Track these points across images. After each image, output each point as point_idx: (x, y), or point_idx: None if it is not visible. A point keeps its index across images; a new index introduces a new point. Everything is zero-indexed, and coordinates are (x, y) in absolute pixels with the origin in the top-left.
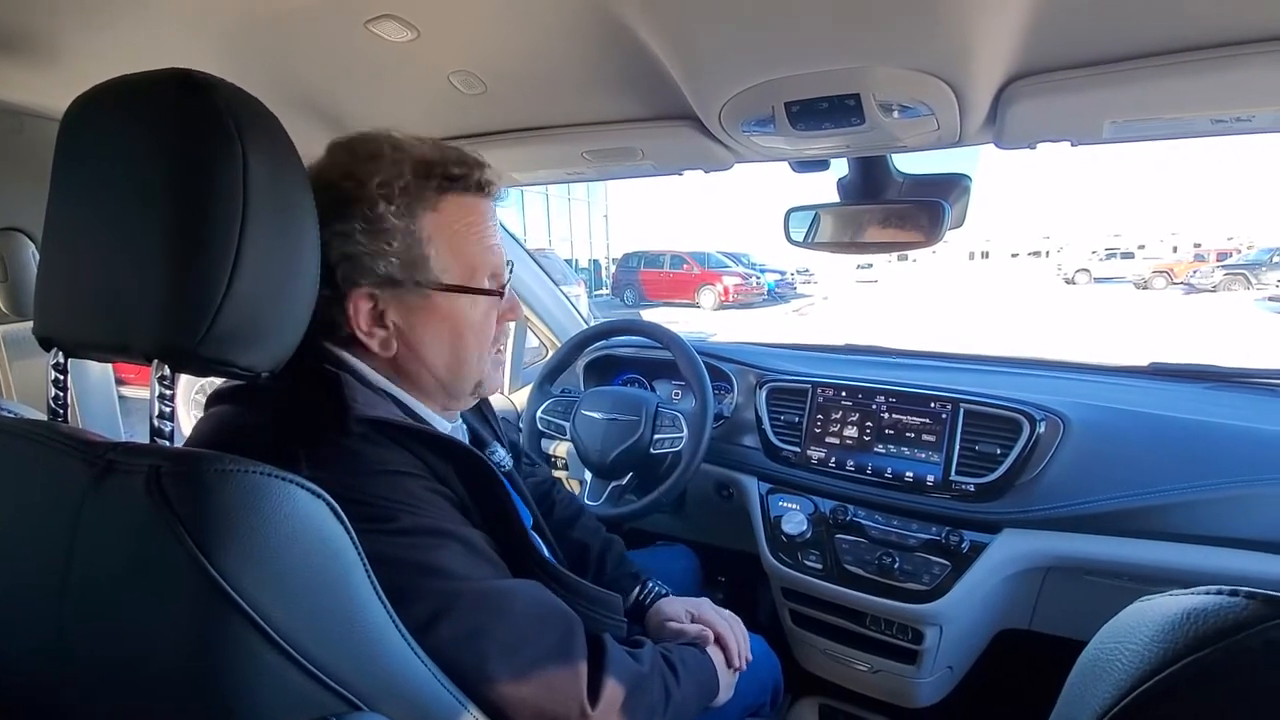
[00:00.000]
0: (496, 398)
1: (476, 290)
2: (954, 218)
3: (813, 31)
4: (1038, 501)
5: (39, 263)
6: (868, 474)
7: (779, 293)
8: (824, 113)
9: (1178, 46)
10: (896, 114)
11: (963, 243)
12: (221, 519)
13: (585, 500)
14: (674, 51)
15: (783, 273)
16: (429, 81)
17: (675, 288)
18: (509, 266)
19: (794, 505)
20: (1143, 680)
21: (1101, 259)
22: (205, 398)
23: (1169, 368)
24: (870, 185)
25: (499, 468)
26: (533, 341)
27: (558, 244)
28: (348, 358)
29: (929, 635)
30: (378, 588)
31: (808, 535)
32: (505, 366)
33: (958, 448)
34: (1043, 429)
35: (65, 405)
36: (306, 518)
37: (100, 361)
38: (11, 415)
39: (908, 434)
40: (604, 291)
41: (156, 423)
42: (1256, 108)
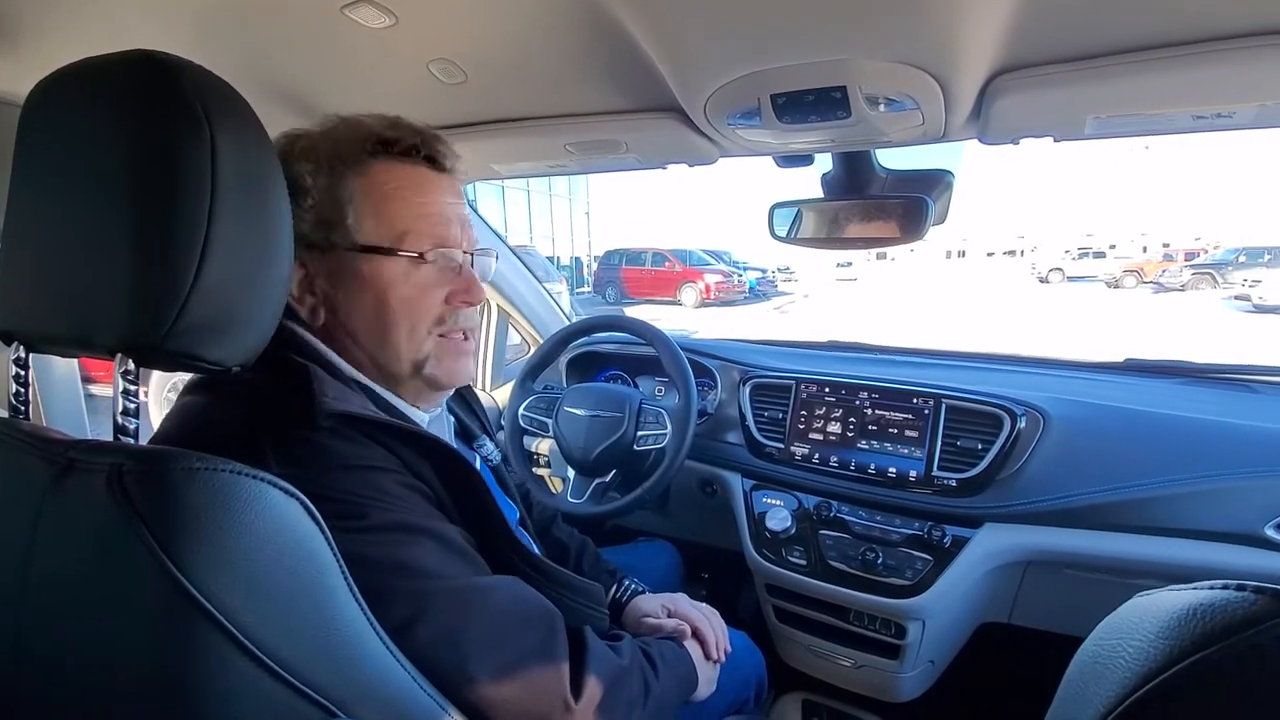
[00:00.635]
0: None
1: (396, 253)
2: (937, 213)
3: (799, 22)
4: (1018, 496)
5: None
6: (851, 470)
7: (760, 290)
8: (810, 105)
9: (1160, 42)
10: (882, 107)
11: (940, 242)
12: (187, 520)
13: (568, 498)
14: (659, 41)
15: (764, 270)
16: (407, 70)
17: (657, 285)
18: (491, 257)
19: (778, 501)
20: (1149, 678)
21: (1074, 258)
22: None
23: (1144, 364)
24: (854, 180)
25: (488, 461)
26: (515, 338)
27: (539, 241)
28: (319, 347)
29: (912, 630)
30: (354, 590)
31: (792, 531)
32: (475, 358)
33: (940, 443)
34: (1023, 424)
35: (27, 402)
36: (279, 518)
37: (63, 356)
38: None
39: (890, 430)
40: (586, 289)
41: (121, 419)
42: (1236, 104)
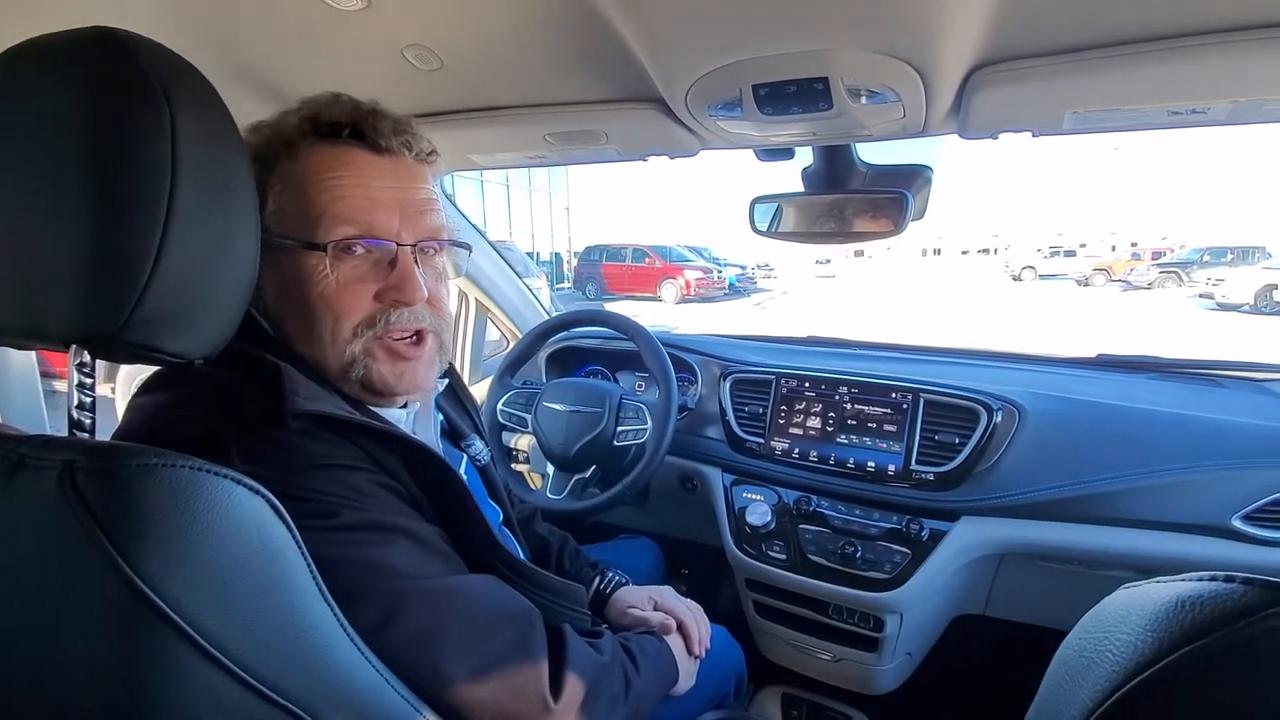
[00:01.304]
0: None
1: (308, 245)
2: (916, 208)
3: (782, 11)
4: (994, 489)
5: None
6: (830, 464)
7: (740, 287)
8: (792, 96)
9: (1138, 37)
10: (864, 99)
11: (916, 240)
12: (143, 519)
13: (547, 494)
14: (639, 29)
15: (743, 267)
16: (381, 55)
17: (637, 281)
18: (462, 250)
19: (758, 496)
20: (1137, 671)
21: (1046, 257)
22: None
23: (1115, 359)
24: (835, 175)
25: (476, 461)
26: (493, 334)
27: (519, 236)
28: (292, 345)
29: (890, 623)
30: (325, 591)
31: (771, 526)
32: (430, 363)
33: (918, 437)
34: (999, 418)
35: None
36: (242, 517)
37: (16, 349)
38: None
39: (869, 424)
40: (566, 285)
41: (76, 414)
42: (1210, 100)
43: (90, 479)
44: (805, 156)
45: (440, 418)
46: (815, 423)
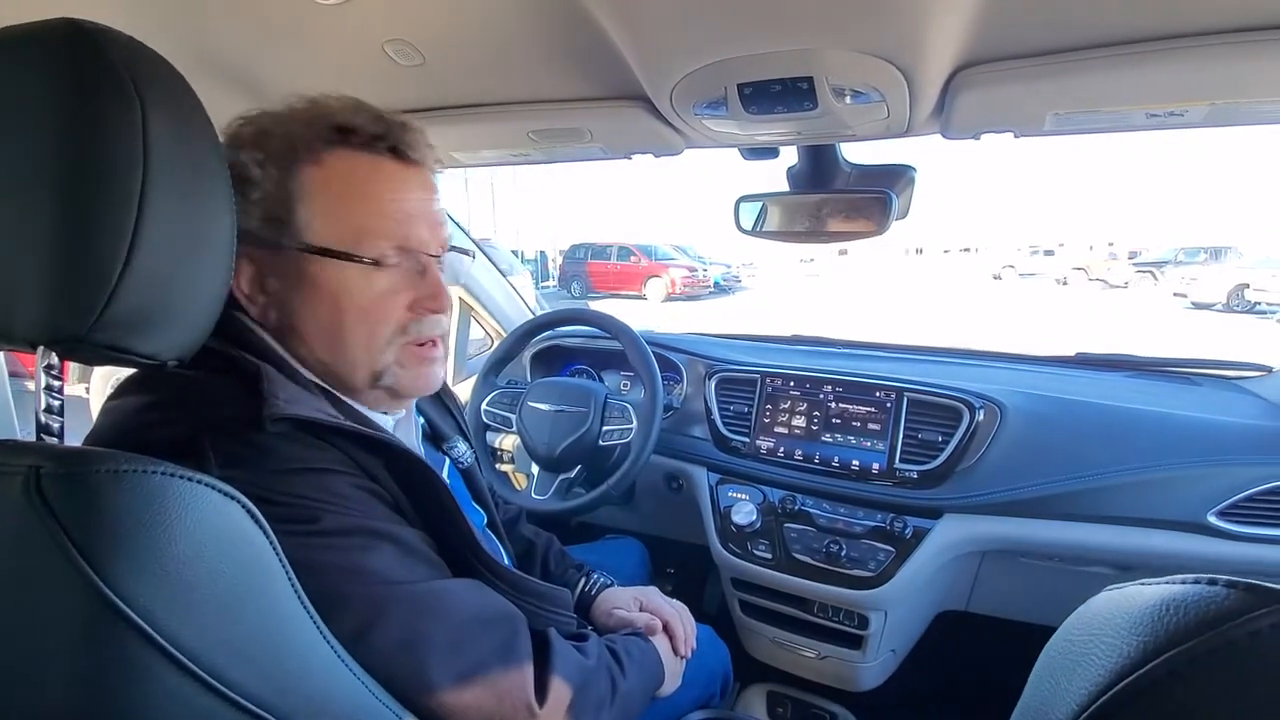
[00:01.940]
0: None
1: (350, 257)
2: (899, 208)
3: (767, 10)
4: (977, 487)
5: None
6: (815, 463)
7: (725, 285)
8: (777, 96)
9: (1118, 40)
10: (848, 99)
11: (899, 239)
12: (112, 525)
13: (532, 494)
14: (624, 26)
15: (728, 265)
16: (361, 50)
17: (622, 280)
18: (465, 256)
19: (743, 495)
20: (1123, 675)
21: (1026, 256)
22: None
23: (1093, 357)
24: (819, 174)
25: (459, 464)
26: (477, 333)
27: (503, 234)
28: (272, 344)
29: (874, 620)
30: (303, 597)
31: (757, 525)
32: (443, 365)
33: (902, 436)
34: (981, 416)
35: None
36: (217, 522)
37: None
38: None
39: (854, 423)
40: (550, 283)
41: (44, 418)
42: (1188, 102)
43: (56, 485)
44: (790, 156)
45: (421, 421)
46: (800, 421)
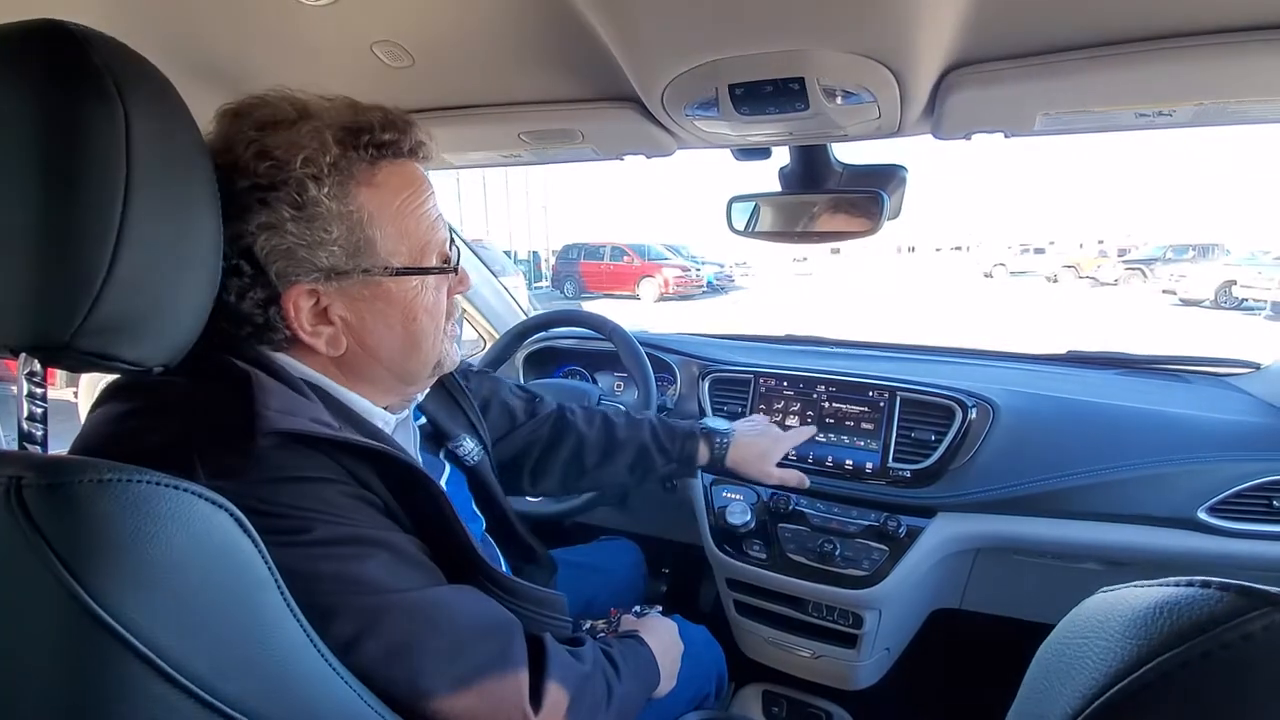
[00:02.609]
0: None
1: (430, 270)
2: (891, 208)
3: (758, 11)
4: (970, 485)
5: None
6: (809, 462)
7: (718, 285)
8: (768, 96)
9: (1107, 40)
10: (839, 100)
11: (891, 238)
12: (96, 536)
13: (526, 496)
14: (614, 27)
15: (721, 265)
16: (349, 52)
17: (615, 280)
18: (452, 235)
19: (737, 496)
20: (1118, 678)
21: (1017, 254)
22: None
23: (1085, 355)
24: (811, 175)
25: (463, 462)
26: (470, 334)
27: (496, 235)
28: (266, 352)
29: (868, 619)
30: (294, 607)
31: (751, 525)
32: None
33: (895, 435)
34: (974, 415)
35: None
36: (204, 531)
37: None
38: None
39: (847, 422)
40: (544, 284)
41: (26, 426)
42: (1176, 102)
43: (38, 495)
44: (782, 156)
45: (422, 421)
46: (794, 421)
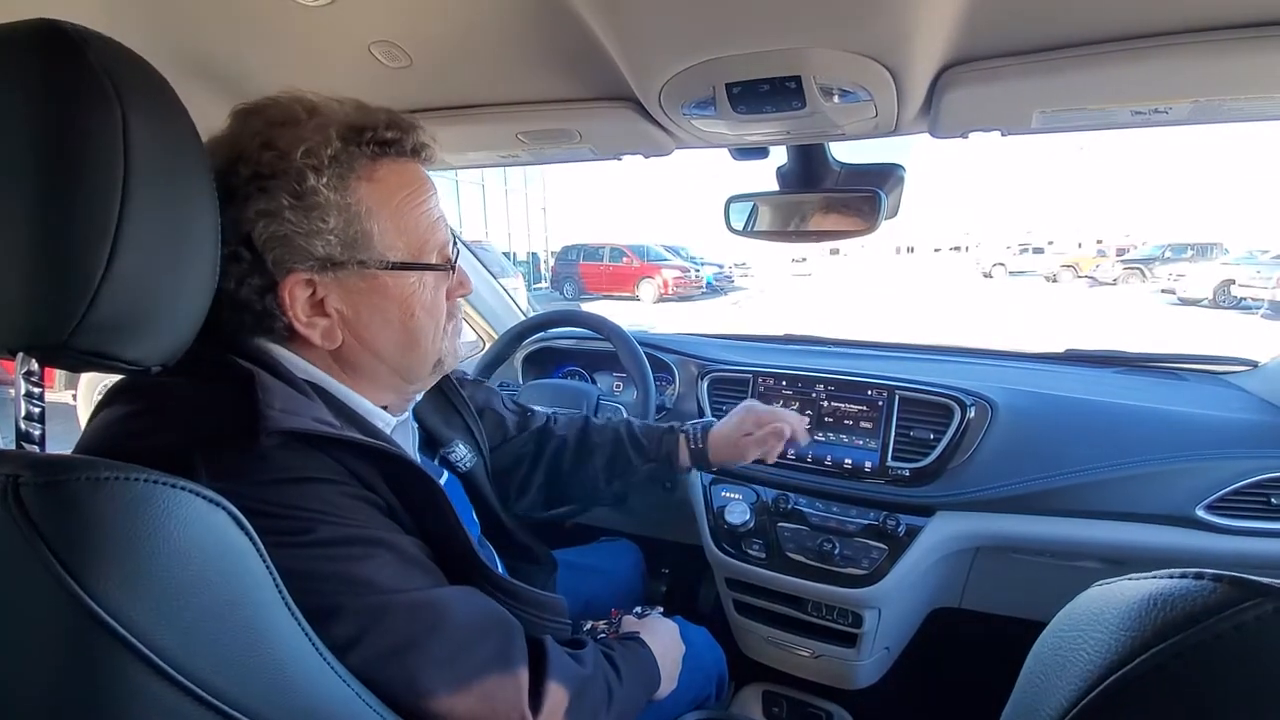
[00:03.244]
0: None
1: (427, 267)
2: (889, 207)
3: (753, 9)
4: (969, 484)
5: None
6: (808, 462)
7: (717, 286)
8: (765, 95)
9: (1103, 38)
10: (836, 99)
11: (890, 238)
12: (94, 535)
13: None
14: (611, 27)
15: (720, 266)
16: (347, 52)
17: (615, 281)
18: (454, 239)
19: (736, 495)
20: (1112, 670)
21: (1015, 254)
22: None
23: (1083, 354)
24: (809, 174)
25: (457, 468)
26: (469, 335)
27: (495, 236)
28: (271, 349)
29: (868, 618)
30: (292, 606)
31: (750, 525)
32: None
33: (894, 434)
34: (972, 414)
35: None
36: (202, 530)
37: None
38: None
39: (846, 421)
40: (543, 285)
41: (24, 425)
42: (1172, 100)
43: (35, 494)
44: (780, 156)
45: (416, 426)
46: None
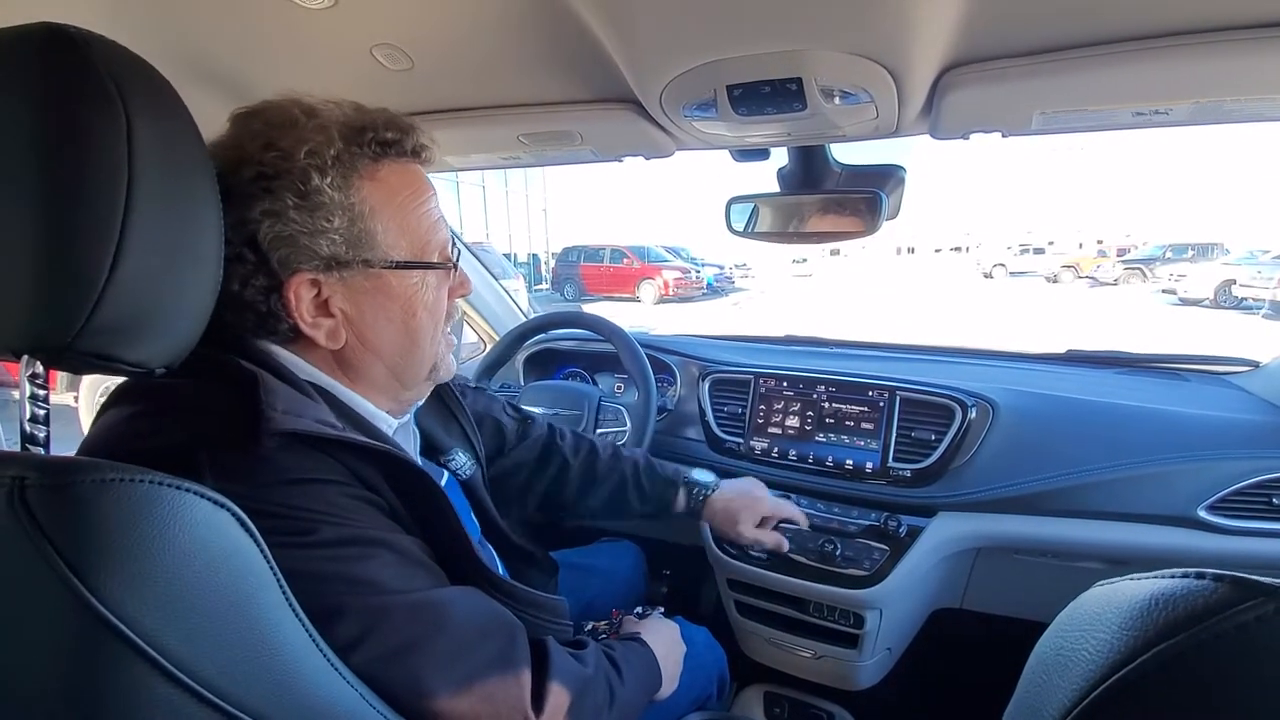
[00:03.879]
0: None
1: (429, 266)
2: (890, 208)
3: (755, 12)
4: (970, 485)
5: None
6: (809, 463)
7: (718, 287)
8: (766, 97)
9: (1103, 39)
10: (837, 100)
11: (890, 239)
12: (99, 536)
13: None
14: (613, 29)
15: (721, 267)
16: (349, 55)
17: (616, 282)
18: (454, 239)
19: None
20: (1114, 670)
21: (1016, 254)
22: None
23: (1084, 354)
24: (809, 175)
25: (457, 474)
26: (470, 336)
27: (496, 238)
28: (274, 350)
29: (869, 619)
30: (295, 606)
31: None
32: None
33: (895, 435)
34: (973, 414)
35: None
36: (205, 531)
37: None
38: None
39: (847, 422)
40: (544, 286)
41: (29, 427)
42: (1173, 101)
43: (41, 496)
44: (780, 157)
45: (417, 432)
46: (794, 421)
